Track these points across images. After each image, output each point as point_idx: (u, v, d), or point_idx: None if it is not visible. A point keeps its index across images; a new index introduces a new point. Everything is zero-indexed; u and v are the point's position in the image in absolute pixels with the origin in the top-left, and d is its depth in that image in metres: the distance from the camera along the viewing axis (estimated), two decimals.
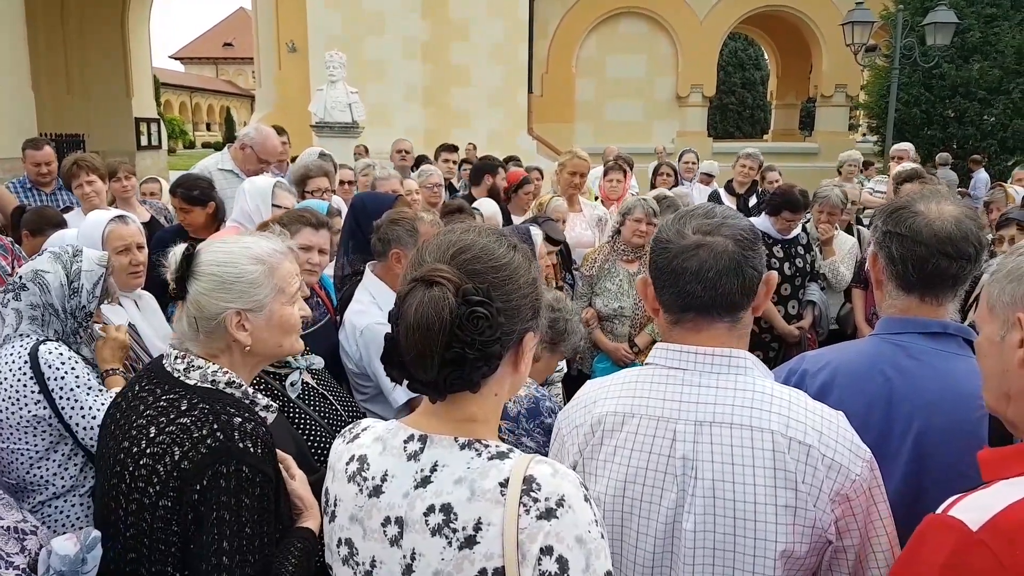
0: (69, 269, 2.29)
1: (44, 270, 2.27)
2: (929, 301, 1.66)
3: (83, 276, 2.30)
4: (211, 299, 1.58)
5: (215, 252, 1.62)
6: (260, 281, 1.61)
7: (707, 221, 1.40)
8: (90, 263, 2.33)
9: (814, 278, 4.82)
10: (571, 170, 5.27)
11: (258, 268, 1.62)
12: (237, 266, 1.60)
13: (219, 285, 1.58)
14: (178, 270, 1.60)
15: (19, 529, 1.38)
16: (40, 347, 2.17)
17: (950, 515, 1.07)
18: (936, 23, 12.86)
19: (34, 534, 1.40)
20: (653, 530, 1.36)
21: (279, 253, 1.68)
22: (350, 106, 10.13)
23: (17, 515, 1.40)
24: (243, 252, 1.63)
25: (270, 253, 1.65)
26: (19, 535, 1.37)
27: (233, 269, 1.60)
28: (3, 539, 1.34)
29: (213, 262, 1.60)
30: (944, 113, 15.95)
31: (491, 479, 1.10)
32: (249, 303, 1.60)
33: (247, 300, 1.59)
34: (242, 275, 1.60)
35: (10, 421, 2.13)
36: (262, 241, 1.68)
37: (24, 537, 1.38)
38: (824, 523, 1.29)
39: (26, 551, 1.36)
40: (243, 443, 1.47)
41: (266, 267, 1.63)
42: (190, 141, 48.65)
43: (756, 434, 1.31)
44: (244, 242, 1.66)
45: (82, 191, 4.46)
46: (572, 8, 18.32)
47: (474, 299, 1.08)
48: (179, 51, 60.55)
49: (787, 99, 23.36)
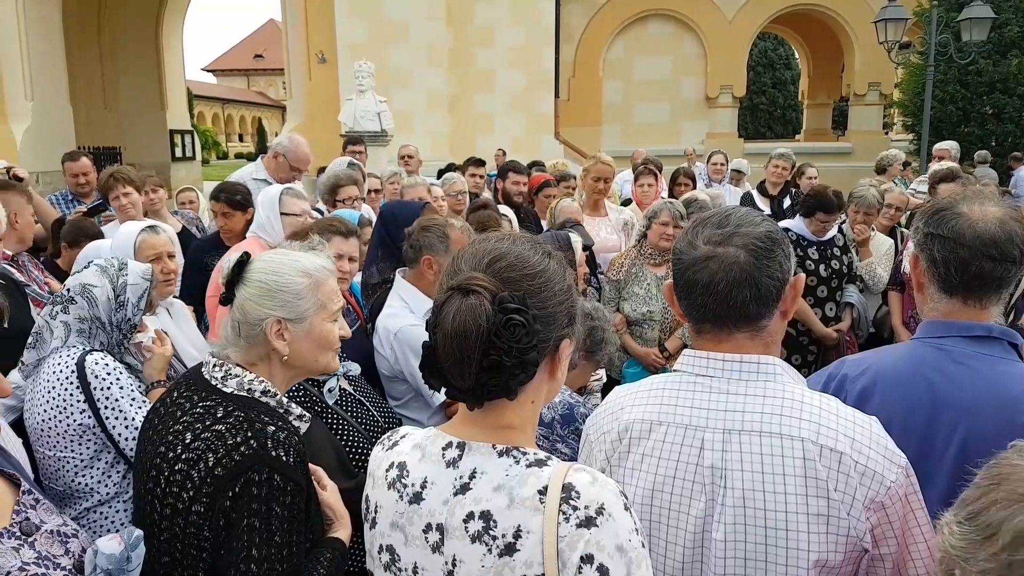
0: (116, 283, 2.34)
1: (92, 284, 2.32)
2: (972, 304, 1.62)
3: (129, 290, 2.35)
4: (255, 305, 1.62)
5: (266, 261, 1.68)
6: (304, 294, 1.65)
7: (718, 231, 1.37)
8: (135, 277, 2.38)
9: (852, 280, 4.74)
10: (595, 176, 5.25)
11: (304, 281, 1.66)
12: (284, 275, 1.64)
13: (265, 292, 1.62)
14: (230, 275, 1.65)
15: (62, 532, 1.41)
16: (87, 357, 2.22)
17: None
18: (972, 18, 12.59)
19: (76, 537, 1.44)
20: (682, 539, 1.35)
21: (326, 270, 1.72)
22: (379, 115, 10.21)
23: (58, 519, 1.44)
24: (292, 264, 1.67)
25: (317, 268, 1.70)
26: (63, 538, 1.40)
27: (280, 278, 1.64)
28: (49, 542, 1.37)
29: (262, 270, 1.65)
30: (982, 110, 15.63)
31: (530, 486, 1.10)
32: (291, 313, 1.63)
33: (289, 310, 1.63)
34: (287, 285, 1.64)
35: (57, 429, 2.19)
36: (312, 257, 1.73)
37: (67, 540, 1.41)
38: (859, 531, 1.26)
39: (70, 553, 1.40)
40: (276, 451, 1.49)
41: (312, 281, 1.67)
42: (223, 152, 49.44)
43: (786, 442, 1.29)
44: (295, 255, 1.72)
45: (119, 203, 4.55)
46: (598, 12, 18.28)
47: (510, 307, 1.08)
48: (211, 63, 61.61)
49: (819, 98, 23.05)
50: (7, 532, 1.30)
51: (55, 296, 2.38)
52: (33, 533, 1.34)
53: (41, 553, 1.32)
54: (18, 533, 1.31)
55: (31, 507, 1.39)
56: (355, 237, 2.95)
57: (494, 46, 15.72)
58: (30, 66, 15.96)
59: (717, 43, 18.22)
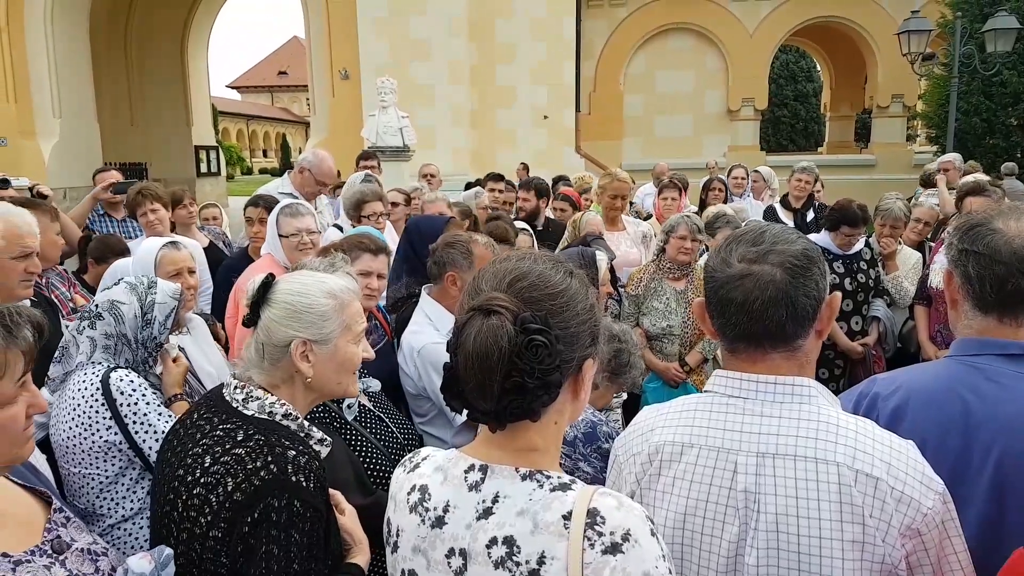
0: (144, 301, 2.35)
1: (120, 301, 2.33)
2: (1008, 322, 1.58)
3: (157, 308, 2.36)
4: (280, 326, 1.61)
5: (291, 282, 1.66)
6: (330, 315, 1.64)
7: (753, 248, 1.35)
8: (164, 296, 2.39)
9: (879, 294, 4.69)
10: (612, 193, 5.22)
11: (330, 302, 1.65)
12: (309, 297, 1.63)
13: (291, 313, 1.61)
14: (254, 296, 1.64)
15: (92, 551, 1.41)
16: (111, 374, 2.22)
17: None
18: (997, 29, 12.46)
19: (105, 555, 1.44)
20: (714, 564, 1.32)
21: (351, 292, 1.71)
22: (401, 130, 10.27)
23: (89, 538, 1.44)
24: (318, 285, 1.66)
25: (342, 290, 1.69)
26: (93, 556, 1.40)
27: (305, 299, 1.63)
28: (79, 560, 1.37)
29: (288, 291, 1.64)
30: (1007, 121, 15.42)
31: (554, 511, 1.09)
32: (316, 335, 1.62)
33: (315, 331, 1.62)
34: (313, 306, 1.63)
35: (83, 446, 2.19)
36: (337, 278, 1.72)
37: (97, 558, 1.41)
38: (894, 559, 1.23)
39: (100, 571, 1.39)
40: (296, 477, 1.47)
41: (337, 303, 1.66)
42: (247, 167, 50.05)
43: (821, 466, 1.26)
44: (320, 276, 1.70)
45: (146, 219, 4.61)
46: (619, 26, 18.35)
47: (532, 327, 1.07)
48: (235, 80, 62.48)
49: (841, 111, 22.91)
50: (39, 550, 1.30)
51: (83, 311, 2.40)
52: (64, 551, 1.34)
53: (72, 572, 1.33)
54: (49, 551, 1.32)
55: (62, 525, 1.39)
56: (384, 254, 2.95)
57: (515, 62, 15.80)
58: (58, 83, 16.32)
59: (739, 56, 18.20)
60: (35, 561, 1.27)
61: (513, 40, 15.83)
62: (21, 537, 1.30)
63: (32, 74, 15.99)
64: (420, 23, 14.87)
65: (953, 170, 7.46)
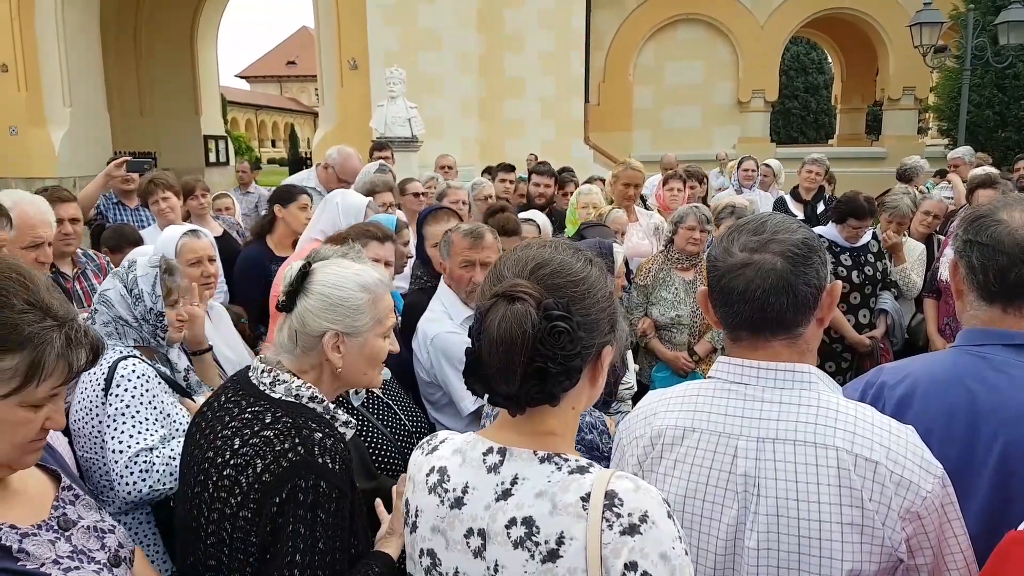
0: (126, 280, 2.36)
1: (106, 288, 2.37)
2: (1012, 312, 1.59)
3: (140, 281, 2.36)
4: (316, 317, 1.63)
5: (328, 274, 1.68)
6: (364, 309, 1.67)
7: (754, 238, 1.37)
8: (143, 268, 2.39)
9: (887, 286, 4.68)
10: (625, 182, 5.24)
11: (364, 296, 1.67)
12: (345, 290, 1.66)
13: (327, 305, 1.64)
14: (292, 284, 1.66)
15: (99, 528, 1.45)
16: (121, 362, 2.23)
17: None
18: (1010, 21, 12.35)
19: (112, 532, 1.47)
20: (713, 547, 1.35)
21: (384, 285, 1.74)
22: (409, 121, 10.28)
23: (96, 515, 1.47)
24: (354, 278, 1.69)
25: (376, 283, 1.71)
26: (99, 533, 1.44)
27: (342, 292, 1.65)
28: (86, 536, 1.40)
29: (325, 282, 1.66)
30: (1019, 115, 15.29)
31: (572, 493, 1.11)
32: (349, 327, 1.65)
33: (348, 324, 1.65)
34: (348, 299, 1.65)
35: (85, 430, 2.22)
36: (371, 271, 1.74)
37: (104, 535, 1.44)
38: (894, 541, 1.26)
39: (106, 548, 1.43)
40: (323, 459, 1.50)
41: (371, 296, 1.69)
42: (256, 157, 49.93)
43: (820, 451, 1.29)
44: (356, 268, 1.72)
45: (158, 207, 4.64)
46: (628, 17, 18.26)
47: (555, 314, 1.09)
48: (244, 70, 62.49)
49: (852, 103, 22.78)
50: (45, 525, 1.34)
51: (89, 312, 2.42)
52: (70, 528, 1.38)
53: (77, 547, 1.36)
54: (55, 527, 1.35)
55: (70, 503, 1.43)
56: (391, 242, 2.98)
57: (524, 52, 15.76)
58: (68, 73, 16.36)
59: (749, 47, 18.09)
60: (41, 535, 1.31)
61: (522, 30, 15.77)
62: (30, 512, 1.33)
63: (42, 63, 16.05)
64: (430, 13, 14.83)
65: (964, 165, 7.42)
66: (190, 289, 2.58)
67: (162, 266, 2.41)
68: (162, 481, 2.14)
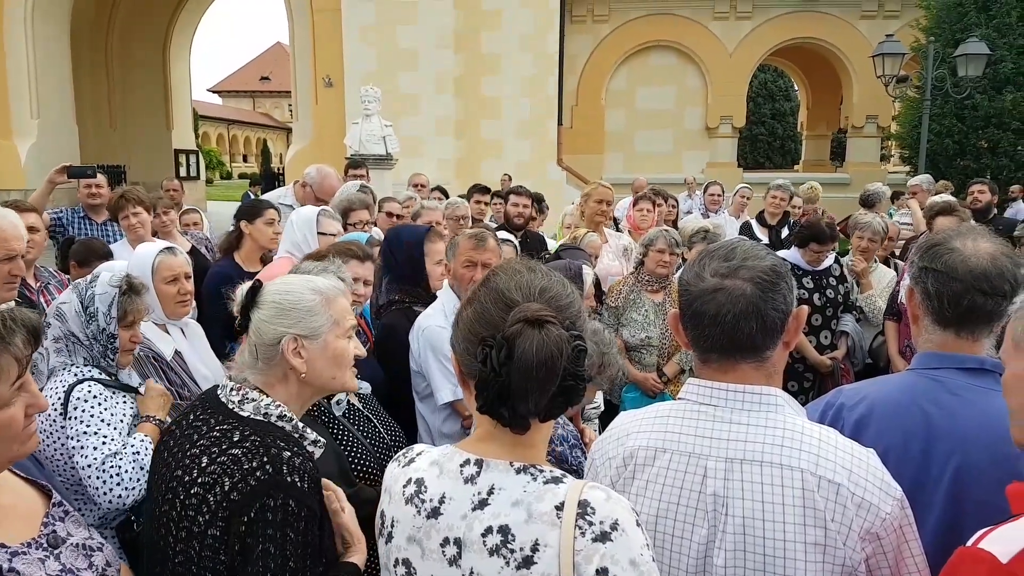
0: (84, 295, 2.33)
1: (63, 301, 2.35)
2: (965, 337, 1.66)
3: (97, 299, 2.32)
4: (270, 325, 1.64)
5: (277, 283, 1.72)
6: (317, 310, 1.68)
7: (725, 264, 1.41)
8: (103, 286, 2.34)
9: (848, 309, 4.78)
10: (597, 199, 5.32)
11: (316, 298, 1.69)
12: (295, 294, 1.68)
13: (279, 312, 1.65)
14: (243, 302, 1.68)
15: (87, 546, 1.44)
16: (77, 385, 2.23)
17: (980, 547, 1.09)
18: (968, 54, 12.76)
19: (100, 551, 1.46)
20: (684, 564, 1.37)
21: (336, 289, 1.76)
22: (384, 139, 10.30)
23: (85, 532, 1.47)
24: (303, 283, 1.72)
25: (328, 287, 1.73)
26: (87, 551, 1.43)
27: (291, 296, 1.67)
28: (74, 555, 1.40)
29: (275, 291, 1.69)
30: (977, 144, 15.75)
31: (547, 502, 1.15)
32: (305, 330, 1.66)
33: (304, 327, 1.66)
34: (300, 302, 1.67)
35: (47, 452, 2.22)
36: (322, 277, 1.77)
37: (92, 553, 1.44)
38: (854, 561, 1.30)
39: (94, 567, 1.42)
40: (291, 477, 1.50)
41: (323, 298, 1.70)
42: (227, 172, 49.60)
43: (786, 472, 1.32)
44: (306, 276, 1.76)
45: (128, 222, 4.59)
46: (602, 42, 18.53)
47: (575, 334, 1.16)
48: (217, 84, 61.89)
49: (818, 130, 23.26)
50: (35, 543, 1.33)
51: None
52: (59, 546, 1.37)
53: (65, 565, 1.36)
54: (45, 545, 1.35)
55: (59, 519, 1.42)
56: (371, 261, 3.02)
57: (500, 73, 15.89)
58: (36, 83, 16.08)
59: (718, 74, 18.45)
60: (30, 554, 1.30)
61: (499, 52, 15.91)
62: (20, 529, 1.33)
63: (9, 74, 15.76)
64: (407, 33, 14.90)
65: (922, 192, 7.63)
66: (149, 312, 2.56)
67: (122, 287, 2.36)
68: (134, 478, 2.16)
